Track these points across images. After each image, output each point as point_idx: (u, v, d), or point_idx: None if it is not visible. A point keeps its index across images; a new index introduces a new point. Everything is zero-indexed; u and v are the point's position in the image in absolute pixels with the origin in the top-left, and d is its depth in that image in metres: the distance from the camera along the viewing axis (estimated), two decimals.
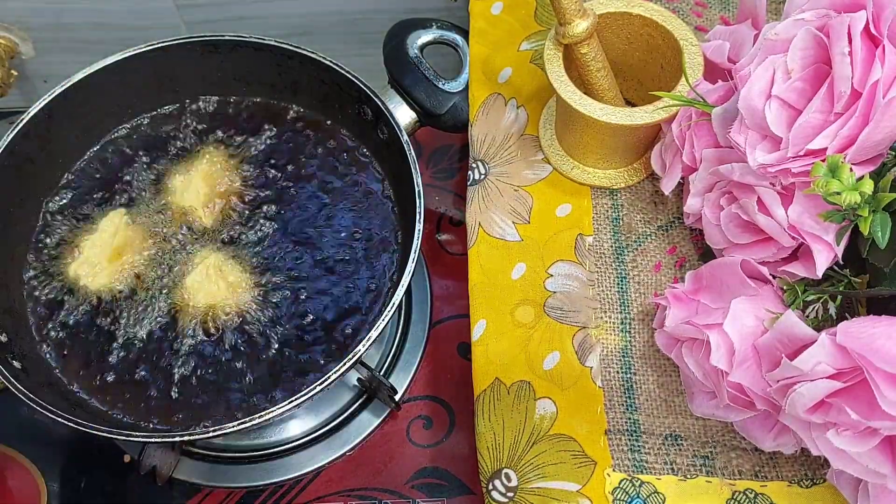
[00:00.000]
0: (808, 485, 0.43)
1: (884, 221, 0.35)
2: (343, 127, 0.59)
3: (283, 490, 0.55)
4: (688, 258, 0.49)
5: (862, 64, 0.35)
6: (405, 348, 0.60)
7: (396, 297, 0.47)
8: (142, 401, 0.50)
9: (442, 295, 0.63)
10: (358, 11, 0.72)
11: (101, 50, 0.57)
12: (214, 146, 0.59)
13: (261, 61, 0.58)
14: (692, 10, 0.57)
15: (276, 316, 0.52)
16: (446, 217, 0.67)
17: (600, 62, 0.48)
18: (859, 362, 0.33)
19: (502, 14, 0.59)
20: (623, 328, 0.47)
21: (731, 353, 0.39)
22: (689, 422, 0.45)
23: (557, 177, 0.53)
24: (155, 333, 0.51)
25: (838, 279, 0.40)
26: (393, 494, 0.55)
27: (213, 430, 0.44)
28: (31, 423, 0.58)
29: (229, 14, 0.71)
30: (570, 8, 0.45)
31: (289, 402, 0.44)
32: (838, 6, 0.38)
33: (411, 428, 0.57)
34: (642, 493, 0.43)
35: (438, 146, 0.70)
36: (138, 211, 0.56)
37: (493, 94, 0.56)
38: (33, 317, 0.52)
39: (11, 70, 0.72)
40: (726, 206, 0.42)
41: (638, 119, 0.45)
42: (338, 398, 0.58)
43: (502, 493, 0.43)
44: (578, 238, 0.50)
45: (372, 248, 0.55)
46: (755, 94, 0.38)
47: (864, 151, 0.36)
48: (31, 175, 0.55)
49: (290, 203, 0.56)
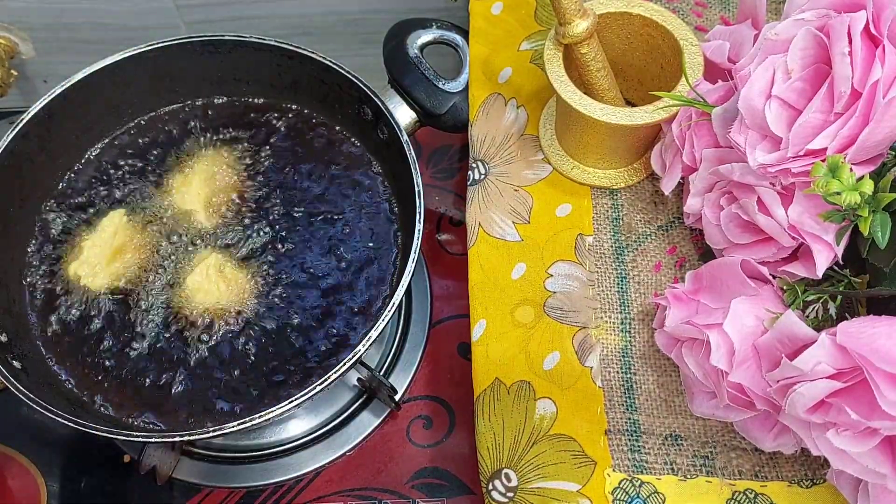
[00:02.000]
0: (808, 485, 0.43)
1: (884, 221, 0.35)
2: (343, 127, 0.59)
3: (283, 490, 0.55)
4: (688, 258, 0.49)
5: (862, 64, 0.35)
6: (405, 348, 0.60)
7: (396, 297, 0.47)
8: (142, 400, 0.50)
9: (442, 295, 0.63)
10: (358, 11, 0.72)
11: (101, 50, 0.57)
12: (214, 146, 0.59)
13: (261, 61, 0.58)
14: (692, 10, 0.57)
15: (275, 316, 0.52)
16: (446, 217, 0.67)
17: (600, 62, 0.48)
18: (859, 362, 0.33)
19: (502, 14, 0.59)
20: (623, 328, 0.47)
21: (731, 353, 0.39)
22: (689, 422, 0.45)
23: (557, 177, 0.53)
24: (154, 333, 0.51)
25: (838, 279, 0.40)
26: (393, 494, 0.55)
27: (213, 430, 0.44)
28: (31, 423, 0.58)
29: (229, 14, 0.71)
30: (570, 8, 0.45)
31: (289, 402, 0.44)
32: (838, 6, 0.38)
33: (411, 428, 0.57)
34: (642, 493, 0.43)
35: (438, 146, 0.70)
36: (138, 211, 0.56)
37: (493, 94, 0.56)
38: (33, 317, 0.52)
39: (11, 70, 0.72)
40: (726, 206, 0.42)
41: (638, 119, 0.45)
42: (338, 398, 0.58)
43: (502, 493, 0.43)
44: (578, 238, 0.50)
45: (372, 248, 0.55)
46: (755, 94, 0.38)
47: (864, 151, 0.36)
48: (31, 175, 0.55)
49: (290, 203, 0.56)
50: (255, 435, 0.57)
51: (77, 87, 0.55)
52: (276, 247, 0.54)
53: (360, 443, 0.57)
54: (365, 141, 0.59)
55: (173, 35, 0.57)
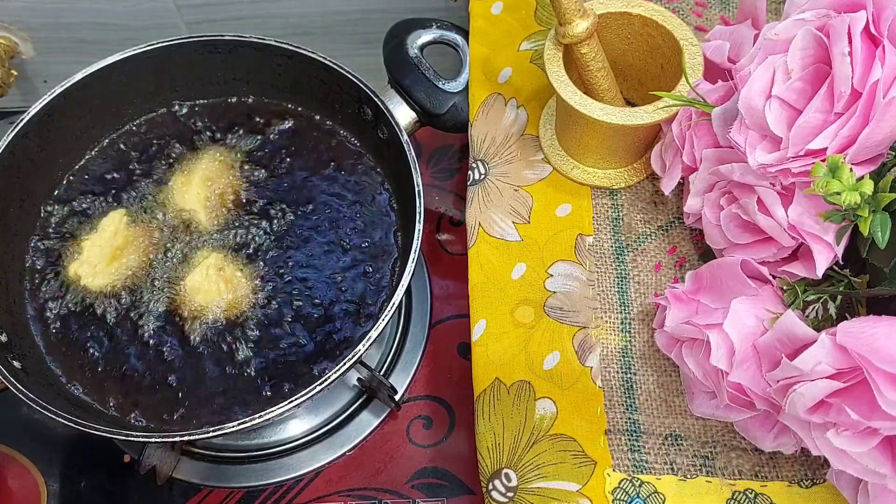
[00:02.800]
0: (808, 485, 0.43)
1: (884, 221, 0.35)
2: (343, 127, 0.59)
3: (283, 490, 0.55)
4: (688, 258, 0.49)
5: (862, 64, 0.35)
6: (405, 348, 0.60)
7: (396, 297, 0.47)
8: (142, 400, 0.50)
9: (442, 295, 0.63)
10: (358, 11, 0.72)
11: (101, 50, 0.57)
12: (214, 146, 0.59)
13: (261, 61, 0.58)
14: (692, 10, 0.57)
15: (275, 315, 0.52)
16: (446, 217, 0.67)
17: (600, 62, 0.48)
18: (859, 362, 0.33)
19: (502, 14, 0.59)
20: (623, 328, 0.47)
21: (731, 353, 0.39)
22: (689, 422, 0.45)
23: (557, 177, 0.53)
24: (155, 333, 0.51)
25: (838, 279, 0.40)
26: (393, 494, 0.55)
27: (213, 430, 0.44)
28: (31, 423, 0.58)
29: (229, 14, 0.71)
30: (570, 8, 0.45)
31: (289, 402, 0.44)
32: (838, 6, 0.38)
33: (411, 428, 0.57)
34: (642, 493, 0.43)
35: (438, 146, 0.70)
36: (138, 211, 0.56)
37: (493, 94, 0.56)
38: (33, 316, 0.52)
39: (11, 70, 0.72)
40: (726, 206, 0.42)
41: (638, 119, 0.45)
42: (338, 398, 0.58)
43: (502, 493, 0.43)
44: (578, 238, 0.50)
45: (371, 248, 0.55)
46: (755, 94, 0.38)
47: (864, 151, 0.36)
48: (31, 175, 0.55)
49: (290, 203, 0.56)
50: (255, 435, 0.57)
51: (77, 87, 0.55)
52: (276, 246, 0.54)
53: (360, 443, 0.57)
54: (365, 141, 0.59)
55: (173, 35, 0.57)
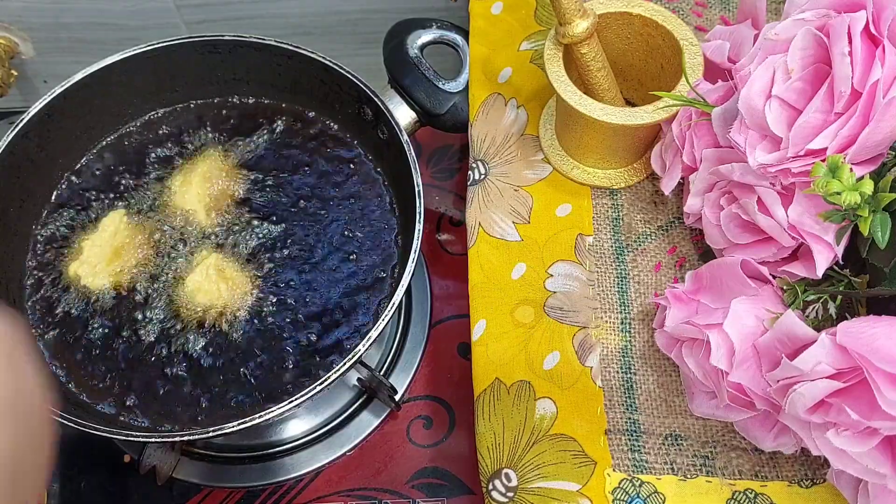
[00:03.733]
0: (808, 485, 0.43)
1: (884, 221, 0.35)
2: (343, 127, 0.59)
3: (283, 490, 0.55)
4: (688, 258, 0.49)
5: (862, 64, 0.35)
6: (405, 348, 0.60)
7: (396, 297, 0.47)
8: (142, 400, 0.50)
9: (442, 295, 0.63)
10: (358, 11, 0.72)
11: (101, 50, 0.57)
12: (214, 147, 0.59)
13: (261, 61, 0.58)
14: (692, 10, 0.57)
15: (275, 316, 0.52)
16: (446, 217, 0.66)
17: (600, 62, 0.48)
18: (859, 362, 0.33)
19: (502, 14, 0.59)
20: (623, 328, 0.47)
21: (731, 353, 0.39)
22: (689, 422, 0.45)
23: (557, 177, 0.53)
24: (154, 333, 0.51)
25: (838, 279, 0.40)
26: (393, 494, 0.55)
27: (213, 430, 0.44)
28: None
29: (229, 14, 0.71)
30: (570, 8, 0.45)
31: (289, 402, 0.44)
32: (838, 6, 0.38)
33: (411, 428, 0.57)
34: (642, 493, 0.43)
35: (438, 146, 0.70)
36: (139, 211, 0.56)
37: (493, 94, 0.56)
38: (33, 316, 0.52)
39: (11, 70, 0.72)
40: (726, 206, 0.42)
41: (638, 119, 0.45)
42: (338, 398, 0.58)
43: (502, 493, 0.43)
44: (578, 238, 0.50)
45: (371, 248, 0.55)
46: (755, 94, 0.38)
47: (864, 151, 0.36)
48: (31, 175, 0.55)
49: (290, 203, 0.56)
50: (255, 435, 0.57)
51: (77, 87, 0.55)
52: (276, 247, 0.54)
53: (359, 443, 0.57)
54: (365, 141, 0.58)
55: (173, 35, 0.57)
